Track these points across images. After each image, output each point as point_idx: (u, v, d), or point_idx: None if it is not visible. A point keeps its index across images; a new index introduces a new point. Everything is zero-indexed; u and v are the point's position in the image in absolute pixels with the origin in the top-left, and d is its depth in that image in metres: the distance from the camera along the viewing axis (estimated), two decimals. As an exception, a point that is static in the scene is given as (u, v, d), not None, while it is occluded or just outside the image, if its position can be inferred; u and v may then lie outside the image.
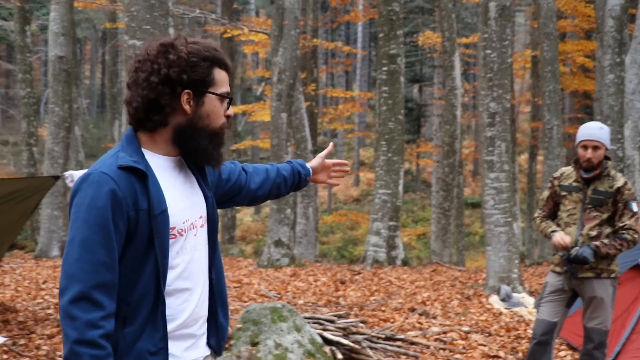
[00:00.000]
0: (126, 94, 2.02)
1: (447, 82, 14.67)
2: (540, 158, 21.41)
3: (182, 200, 2.01)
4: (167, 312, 1.95)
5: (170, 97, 1.94)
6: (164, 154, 2.02)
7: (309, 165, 2.58)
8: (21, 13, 14.82)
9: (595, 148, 4.48)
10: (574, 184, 4.66)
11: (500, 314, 7.87)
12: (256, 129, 32.01)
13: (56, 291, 8.74)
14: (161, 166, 1.99)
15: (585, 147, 4.52)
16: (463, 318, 7.53)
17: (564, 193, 4.69)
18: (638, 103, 10.18)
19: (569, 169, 4.76)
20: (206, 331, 2.14)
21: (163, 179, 1.98)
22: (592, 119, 15.45)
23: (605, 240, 4.46)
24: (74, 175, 6.59)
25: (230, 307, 7.56)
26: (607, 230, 4.52)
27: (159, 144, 2.00)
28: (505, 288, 8.51)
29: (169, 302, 1.96)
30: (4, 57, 37.11)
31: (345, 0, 18.02)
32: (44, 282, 9.37)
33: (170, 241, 1.94)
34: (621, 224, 4.48)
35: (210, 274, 2.15)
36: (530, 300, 8.33)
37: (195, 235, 2.05)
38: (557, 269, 4.72)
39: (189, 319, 2.02)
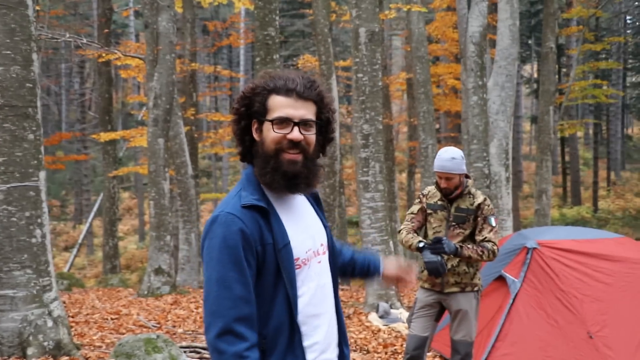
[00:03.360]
0: None
1: (326, 104, 14.90)
2: (418, 176, 22.19)
3: (303, 232, 2.12)
4: (305, 340, 2.05)
5: (245, 128, 2.11)
6: None
7: (382, 265, 2.56)
8: None
9: (448, 179, 4.72)
10: (439, 202, 4.86)
11: (379, 330, 8.04)
12: (138, 154, 31.25)
13: None
14: (279, 199, 2.11)
15: (440, 177, 4.76)
16: (343, 337, 7.63)
17: (429, 211, 4.89)
18: (502, 122, 10.80)
19: (433, 189, 4.97)
20: (337, 358, 2.22)
21: (283, 212, 2.09)
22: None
23: (469, 245, 4.68)
24: None
25: (107, 340, 7.30)
26: (471, 244, 4.75)
27: None
28: (383, 305, 8.71)
29: (304, 330, 2.05)
30: None
31: (223, 25, 18.00)
32: None
33: (296, 271, 2.05)
34: (481, 237, 4.71)
35: (336, 299, 2.23)
36: (407, 315, 8.57)
37: (319, 262, 2.14)
38: (426, 284, 4.90)
39: (324, 344, 2.11)
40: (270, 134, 2.06)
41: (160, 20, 11.09)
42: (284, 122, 2.06)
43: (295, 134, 2.05)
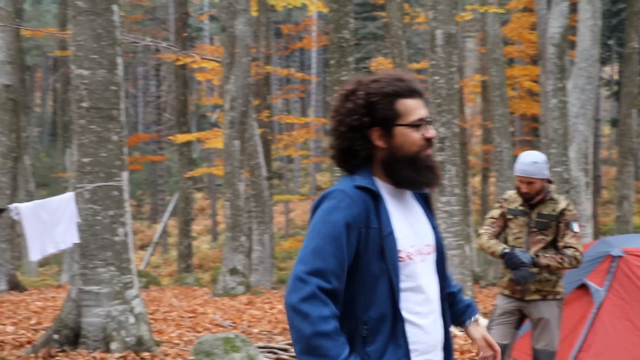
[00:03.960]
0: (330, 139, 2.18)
1: (399, 107, 14.82)
2: (492, 180, 21.77)
3: (408, 227, 2.12)
4: (406, 336, 2.03)
5: (361, 141, 2.08)
6: (388, 183, 2.13)
7: (473, 318, 2.39)
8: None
9: (530, 183, 4.58)
10: (520, 207, 4.74)
11: (455, 336, 7.92)
12: (212, 155, 31.83)
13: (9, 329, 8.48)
14: (388, 193, 2.12)
15: (521, 181, 4.63)
16: (417, 342, 7.54)
17: (510, 216, 4.77)
18: (581, 126, 10.48)
19: (513, 193, 4.84)
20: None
21: (392, 205, 2.10)
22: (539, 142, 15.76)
23: (548, 254, 4.54)
24: (19, 208, 6.48)
25: (184, 338, 7.46)
26: (552, 252, 4.61)
27: (380, 174, 2.13)
28: (458, 311, 8.56)
29: (405, 326, 2.05)
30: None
31: (297, 27, 18.14)
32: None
33: (400, 264, 2.04)
34: (563, 244, 4.56)
35: (443, 304, 2.20)
36: (484, 322, 8.40)
37: (422, 261, 2.13)
38: (506, 291, 4.79)
39: (426, 345, 2.09)
40: (412, 136, 2.09)
41: (237, 24, 11.29)
42: (421, 123, 2.09)
43: (433, 131, 2.12)
